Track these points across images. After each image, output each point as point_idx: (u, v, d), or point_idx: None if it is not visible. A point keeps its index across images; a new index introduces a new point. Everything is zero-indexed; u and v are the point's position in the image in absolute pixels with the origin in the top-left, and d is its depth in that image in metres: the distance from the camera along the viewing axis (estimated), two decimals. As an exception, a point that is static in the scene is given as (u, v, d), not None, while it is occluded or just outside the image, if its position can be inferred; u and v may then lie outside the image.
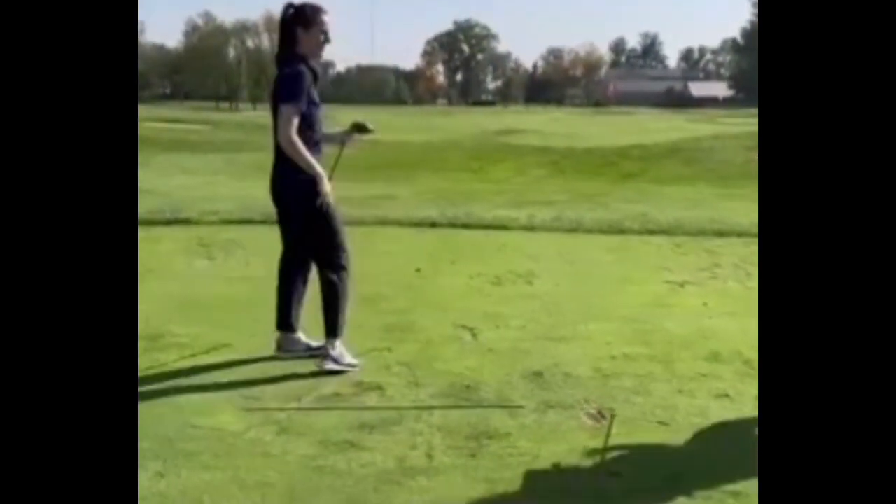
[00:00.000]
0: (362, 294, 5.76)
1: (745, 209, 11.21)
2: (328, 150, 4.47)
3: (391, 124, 42.86)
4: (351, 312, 5.30)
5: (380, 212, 9.47)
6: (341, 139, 4.63)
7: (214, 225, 8.48)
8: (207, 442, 3.29)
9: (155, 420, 3.42)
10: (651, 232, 8.45)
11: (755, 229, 8.59)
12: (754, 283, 6.23)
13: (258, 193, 12.70)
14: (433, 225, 8.57)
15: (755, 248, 7.74)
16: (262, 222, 8.73)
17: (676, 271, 6.64)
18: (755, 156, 13.18)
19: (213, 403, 3.71)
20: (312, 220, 4.24)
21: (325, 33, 4.22)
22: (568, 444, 3.33)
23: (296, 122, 4.03)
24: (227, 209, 9.55)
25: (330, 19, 4.21)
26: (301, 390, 3.90)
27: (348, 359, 4.25)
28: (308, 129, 4.13)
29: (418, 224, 8.69)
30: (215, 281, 6.16)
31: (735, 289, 6.11)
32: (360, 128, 4.61)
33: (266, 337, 4.73)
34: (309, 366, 4.26)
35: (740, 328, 4.96)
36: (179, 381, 4.01)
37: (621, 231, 8.29)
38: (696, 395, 3.89)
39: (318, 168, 4.12)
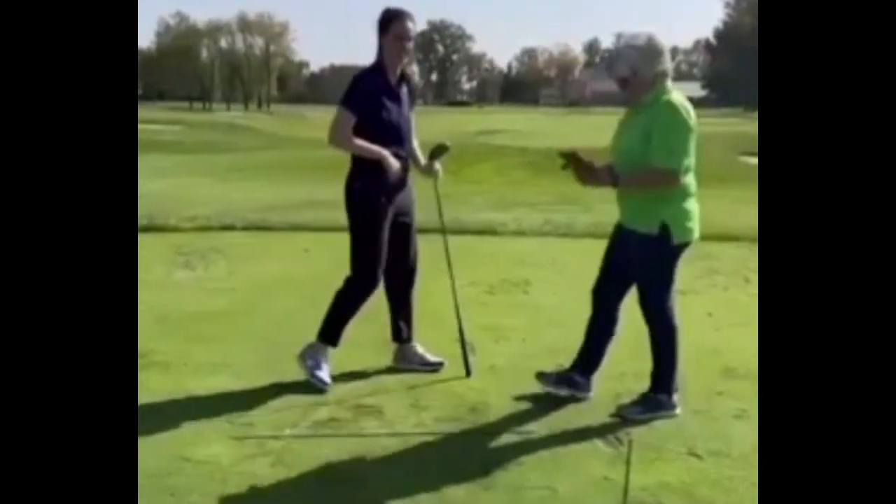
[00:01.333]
0: (353, 306, 5.53)
1: (733, 210, 11.11)
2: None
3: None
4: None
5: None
6: (427, 170, 4.33)
7: (193, 232, 8.17)
8: (197, 478, 3.03)
9: (140, 452, 3.14)
10: (643, 236, 8.24)
11: (748, 233, 8.45)
12: (754, 290, 6.05)
13: (236, 196, 12.54)
14: (418, 231, 8.29)
15: (749, 252, 7.59)
16: (244, 229, 8.47)
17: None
18: (735, 157, 13.11)
19: (201, 432, 3.44)
20: (355, 227, 4.11)
21: (402, 41, 3.98)
22: (586, 474, 3.11)
23: (346, 126, 3.97)
24: (205, 214, 9.23)
25: (411, 27, 3.99)
26: (296, 415, 3.64)
27: (320, 373, 4.05)
28: (377, 140, 3.97)
29: (405, 230, 8.43)
30: (197, 293, 5.87)
31: (737, 297, 5.92)
32: (437, 152, 4.31)
33: (255, 354, 4.48)
34: (303, 386, 4.00)
35: (750, 341, 4.74)
36: (164, 406, 3.74)
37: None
38: (714, 415, 3.68)
39: (377, 150, 3.95)
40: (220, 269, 6.64)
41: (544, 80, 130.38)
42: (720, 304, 5.67)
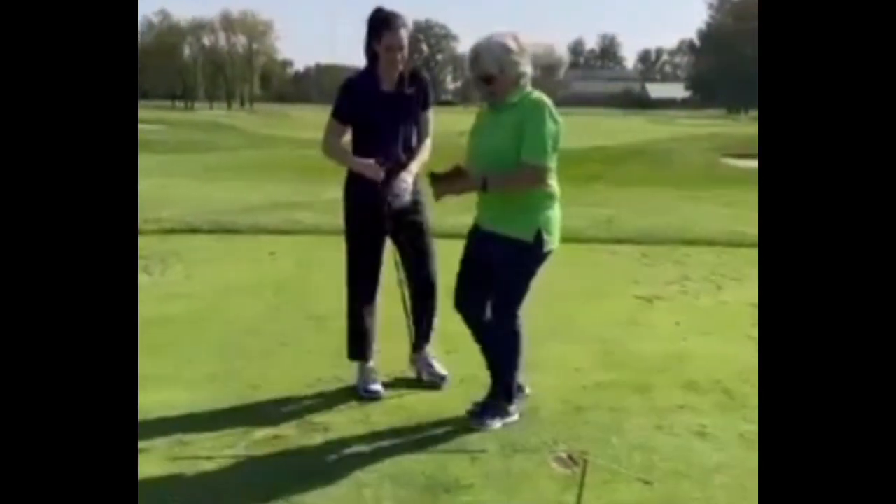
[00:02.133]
0: (309, 312, 5.36)
1: (711, 214, 11.02)
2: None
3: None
4: (304, 333, 4.92)
5: (338, 220, 9.00)
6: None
7: (156, 235, 7.97)
8: (124, 502, 2.85)
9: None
10: (618, 241, 8.12)
11: (724, 237, 8.35)
12: (726, 297, 5.95)
13: (214, 195, 12.32)
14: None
15: (725, 257, 7.48)
16: (210, 232, 8.28)
17: (645, 284, 6.32)
18: (718, 158, 12.98)
19: (135, 451, 3.27)
20: (346, 235, 4.09)
21: (392, 53, 3.75)
22: (538, 495, 2.97)
23: (332, 134, 3.90)
24: (171, 216, 9.02)
25: (403, 35, 3.73)
26: (238, 434, 3.47)
27: (370, 387, 3.95)
28: (364, 146, 3.84)
29: (374, 233, 8.26)
30: (150, 299, 5.66)
31: (706, 305, 5.79)
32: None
33: (208, 365, 4.31)
34: (253, 403, 3.83)
35: (716, 352, 4.64)
36: (100, 422, 3.56)
37: (588, 240, 7.95)
38: (675, 431, 3.54)
39: (352, 161, 3.86)
40: (178, 273, 6.45)
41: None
42: (689, 313, 5.54)
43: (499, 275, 3.47)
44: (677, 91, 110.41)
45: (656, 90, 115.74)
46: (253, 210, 10.07)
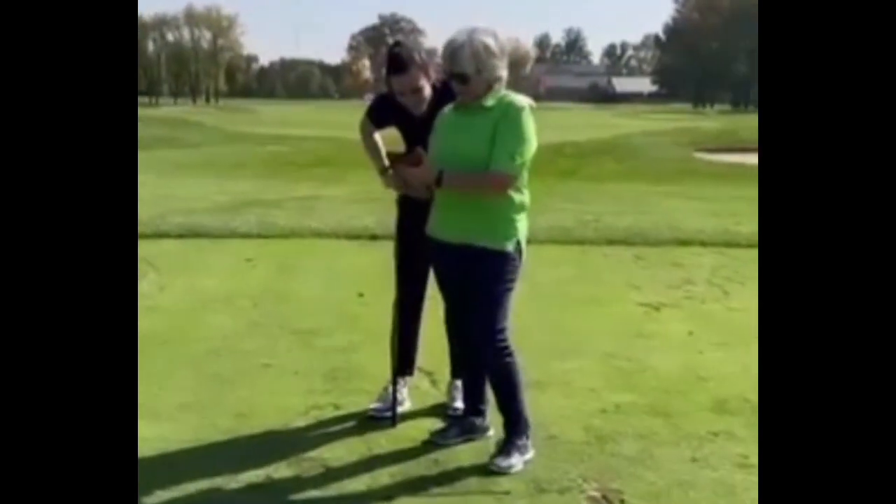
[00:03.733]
0: (292, 327, 4.96)
1: (694, 211, 10.75)
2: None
3: (319, 120, 41.76)
4: (289, 352, 4.51)
5: (313, 222, 8.59)
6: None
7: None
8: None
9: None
10: (609, 242, 7.80)
11: (717, 237, 8.07)
12: (735, 304, 5.63)
13: (182, 193, 11.82)
14: (373, 237, 7.74)
15: (722, 258, 7.19)
16: (180, 236, 7.82)
17: (647, 290, 5.99)
18: (691, 153, 12.79)
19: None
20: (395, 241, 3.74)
21: (400, 94, 3.44)
22: (574, 547, 2.60)
23: (364, 128, 3.76)
24: (140, 218, 8.52)
25: (408, 79, 3.37)
26: (224, 476, 3.05)
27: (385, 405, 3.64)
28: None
29: (357, 236, 7.84)
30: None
31: (717, 312, 5.47)
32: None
33: (181, 392, 3.89)
34: (237, 433, 3.43)
35: (737, 364, 4.32)
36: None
37: (578, 241, 7.62)
38: (712, 463, 3.20)
39: (378, 161, 3.66)
40: (151, 283, 5.99)
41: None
42: (700, 321, 5.22)
43: (481, 291, 3.11)
44: (643, 85, 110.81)
45: (622, 84, 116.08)
46: (224, 210, 9.61)
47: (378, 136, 3.81)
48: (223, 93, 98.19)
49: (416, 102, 3.43)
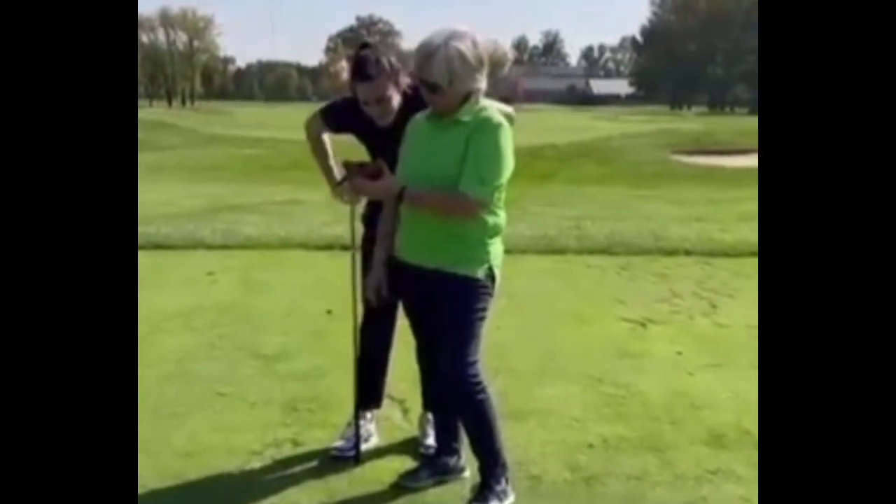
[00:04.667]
0: (253, 349, 4.60)
1: (676, 217, 10.48)
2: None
3: (296, 122, 41.00)
4: (247, 379, 4.15)
5: (281, 231, 8.22)
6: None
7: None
8: None
9: None
10: (590, 251, 7.49)
11: (702, 246, 7.77)
12: (723, 318, 5.34)
13: (149, 198, 11.36)
14: (345, 248, 7.35)
15: (708, 268, 6.89)
16: (139, 248, 7.40)
17: (632, 304, 5.67)
18: (668, 155, 12.56)
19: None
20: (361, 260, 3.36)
21: (365, 104, 3.09)
22: None
23: (314, 125, 3.44)
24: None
25: (374, 88, 3.02)
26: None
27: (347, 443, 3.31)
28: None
29: (328, 246, 7.47)
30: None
31: (704, 328, 5.17)
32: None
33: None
34: (183, 477, 3.06)
35: (729, 389, 4.01)
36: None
37: (560, 251, 7.30)
38: (712, 508, 2.88)
39: (328, 171, 3.43)
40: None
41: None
42: (688, 339, 4.91)
43: (450, 321, 2.77)
44: (621, 87, 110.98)
45: (600, 86, 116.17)
46: (191, 216, 9.22)
47: (327, 139, 3.47)
48: (199, 95, 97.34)
49: (381, 113, 3.08)
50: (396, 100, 3.06)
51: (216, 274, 6.42)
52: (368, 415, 3.43)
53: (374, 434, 3.44)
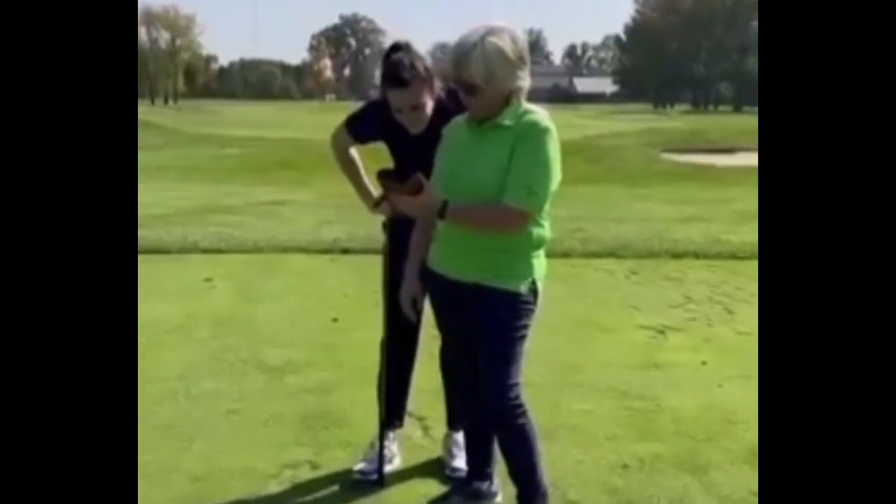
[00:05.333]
0: (259, 361, 4.38)
1: (676, 216, 10.35)
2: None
3: (282, 120, 40.86)
4: (257, 394, 3.93)
5: (278, 234, 7.99)
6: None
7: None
8: None
9: None
10: (596, 255, 7.31)
11: (710, 248, 7.61)
12: (742, 326, 5.17)
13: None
14: (345, 251, 7.16)
15: (720, 272, 6.73)
16: (132, 252, 7.16)
17: (647, 310, 5.50)
18: (658, 154, 12.56)
19: None
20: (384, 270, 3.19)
21: (398, 112, 2.87)
22: None
23: (341, 140, 3.15)
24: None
25: (408, 95, 2.80)
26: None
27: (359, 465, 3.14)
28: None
29: (327, 250, 7.25)
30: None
31: (726, 336, 5.00)
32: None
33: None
34: (194, 502, 2.86)
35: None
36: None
37: (565, 254, 7.11)
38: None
39: (362, 188, 3.21)
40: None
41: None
42: (710, 347, 4.74)
43: (491, 341, 2.57)
44: (605, 86, 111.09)
45: (584, 85, 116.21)
46: (181, 217, 8.97)
47: (355, 152, 3.24)
48: (182, 93, 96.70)
49: (415, 121, 2.86)
50: (430, 106, 2.85)
51: (213, 280, 6.18)
52: (391, 434, 3.23)
53: (397, 455, 3.24)
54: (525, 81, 2.49)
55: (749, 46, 78.73)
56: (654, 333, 4.99)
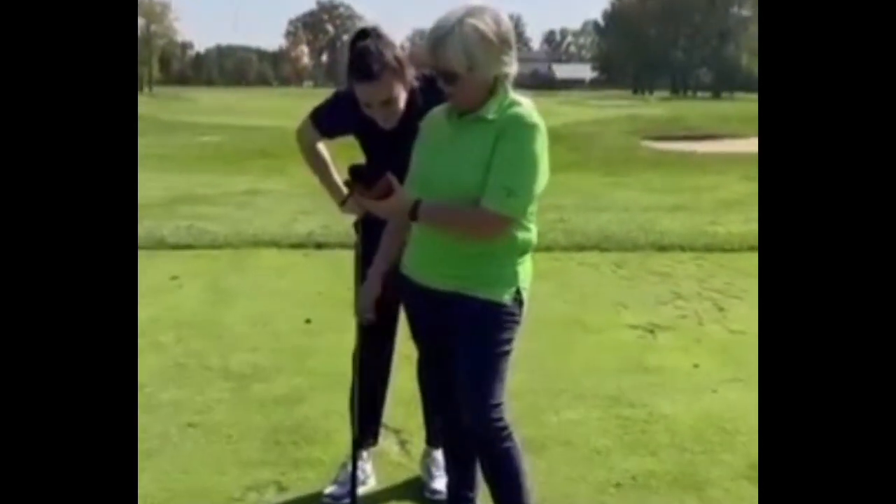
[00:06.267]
0: (227, 369, 4.11)
1: (658, 206, 10.15)
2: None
3: (258, 108, 40.30)
4: (221, 405, 3.65)
5: (250, 228, 7.70)
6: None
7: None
8: None
9: None
10: (580, 247, 7.08)
11: (697, 241, 7.40)
12: (734, 324, 4.96)
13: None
14: (319, 246, 6.88)
15: (707, 265, 6.52)
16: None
17: (635, 308, 5.28)
18: (638, 141, 12.43)
19: None
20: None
21: (367, 107, 2.59)
22: None
23: (306, 134, 2.87)
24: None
25: (377, 89, 2.52)
26: None
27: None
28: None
29: (300, 244, 6.97)
30: None
31: (717, 335, 4.79)
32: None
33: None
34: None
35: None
36: None
37: (548, 247, 6.87)
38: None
39: (330, 186, 2.92)
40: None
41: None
42: (702, 348, 4.52)
43: (471, 354, 2.32)
44: (584, 72, 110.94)
45: (563, 71, 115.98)
46: (151, 210, 8.63)
47: (324, 147, 2.96)
48: (157, 80, 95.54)
49: (386, 115, 2.59)
50: (403, 98, 2.58)
51: (180, 278, 5.89)
52: (364, 454, 2.98)
53: (371, 475, 3.00)
54: (511, 67, 2.23)
55: (727, 32, 78.90)
56: (643, 333, 4.77)
